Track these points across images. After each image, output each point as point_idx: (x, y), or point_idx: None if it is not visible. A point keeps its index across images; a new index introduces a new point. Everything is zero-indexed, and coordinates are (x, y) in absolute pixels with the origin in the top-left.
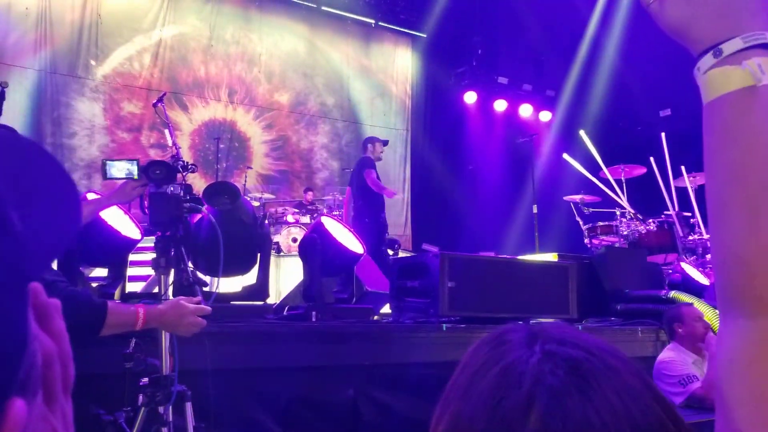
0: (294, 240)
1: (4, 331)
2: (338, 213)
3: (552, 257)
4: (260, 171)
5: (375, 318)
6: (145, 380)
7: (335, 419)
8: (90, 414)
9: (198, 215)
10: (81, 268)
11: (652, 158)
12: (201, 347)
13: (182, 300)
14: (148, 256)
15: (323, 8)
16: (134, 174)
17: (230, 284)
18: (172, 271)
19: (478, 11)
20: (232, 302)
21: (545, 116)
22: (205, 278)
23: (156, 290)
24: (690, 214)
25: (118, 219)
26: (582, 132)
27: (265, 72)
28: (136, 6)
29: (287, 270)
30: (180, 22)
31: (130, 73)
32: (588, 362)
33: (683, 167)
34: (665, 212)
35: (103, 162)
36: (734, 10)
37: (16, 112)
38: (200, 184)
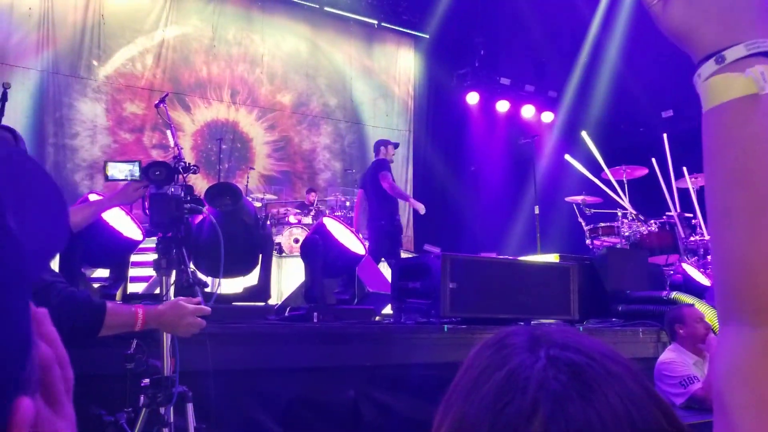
0: (296, 241)
1: (10, 331)
2: (340, 214)
3: (553, 258)
4: (262, 172)
5: (376, 319)
6: (147, 381)
7: (336, 420)
8: (91, 414)
9: (200, 216)
10: (82, 269)
11: (654, 159)
12: (202, 348)
13: (181, 300)
14: (150, 257)
15: (326, 9)
16: (136, 175)
17: (232, 285)
18: (174, 272)
19: (481, 12)
20: (234, 303)
21: (547, 117)
22: (207, 279)
23: (157, 291)
24: (692, 215)
25: (120, 220)
26: (584, 133)
27: (268, 73)
28: (139, 7)
29: (289, 271)
30: (182, 23)
31: (133, 74)
32: (590, 367)
33: (685, 168)
34: (667, 213)
35: (105, 163)
36: (737, 17)
37: (19, 113)
38: (202, 185)
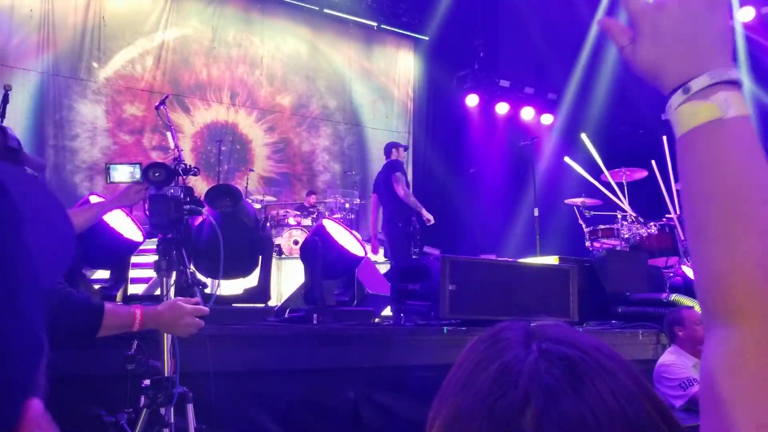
0: (295, 242)
1: (26, 337)
2: (340, 216)
3: (553, 260)
4: (262, 173)
5: (376, 321)
6: (147, 382)
7: (336, 421)
8: (92, 415)
9: (200, 218)
10: (83, 270)
11: (654, 161)
12: (202, 349)
13: (180, 301)
14: (150, 258)
15: (325, 11)
16: (137, 177)
17: (232, 287)
18: (174, 273)
19: (480, 14)
20: (234, 304)
21: (547, 119)
22: (207, 280)
23: (158, 292)
24: None
25: (121, 221)
26: (583, 135)
27: (267, 74)
28: (139, 9)
29: (288, 272)
30: (182, 25)
31: (132, 76)
32: (583, 362)
33: None
34: (666, 215)
35: (106, 165)
36: (700, 51)
37: (19, 115)
38: (202, 187)
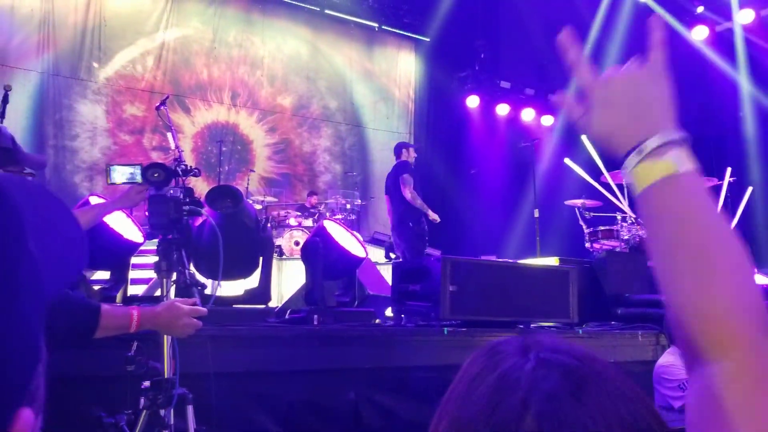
0: (296, 243)
1: (22, 344)
2: (341, 216)
3: (553, 261)
4: (263, 174)
5: (377, 321)
6: (147, 383)
7: (336, 422)
8: (92, 416)
9: (201, 218)
10: (83, 271)
11: None
12: (203, 350)
13: (177, 302)
14: (151, 259)
15: (326, 11)
16: (138, 179)
17: (232, 287)
18: (174, 274)
19: (482, 15)
20: (234, 305)
21: (547, 121)
22: (207, 281)
23: (158, 293)
24: None
25: (121, 222)
26: (584, 136)
27: (268, 75)
28: (139, 9)
29: (289, 273)
30: (183, 25)
31: (133, 76)
32: (580, 369)
33: None
34: None
35: (107, 166)
36: (648, 116)
37: (19, 115)
38: (202, 187)
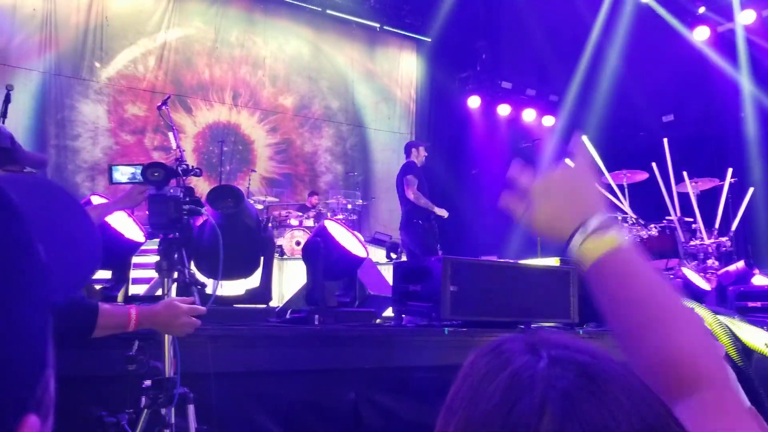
0: (297, 243)
1: (27, 350)
2: (342, 217)
3: (554, 262)
4: (264, 174)
5: (377, 321)
6: (148, 382)
7: (337, 422)
8: (93, 415)
9: (202, 218)
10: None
11: (654, 164)
12: (203, 350)
13: (176, 300)
14: (152, 259)
15: (328, 12)
16: (139, 178)
17: (233, 287)
18: (175, 273)
19: (483, 16)
20: (235, 305)
21: (548, 121)
22: (208, 281)
23: (159, 293)
24: (692, 220)
25: (122, 222)
26: (584, 137)
27: (270, 75)
28: (141, 8)
29: (290, 273)
30: (185, 25)
31: (134, 76)
32: (594, 366)
33: (685, 173)
34: (667, 217)
35: (109, 167)
36: (585, 205)
37: (20, 114)
38: (204, 187)
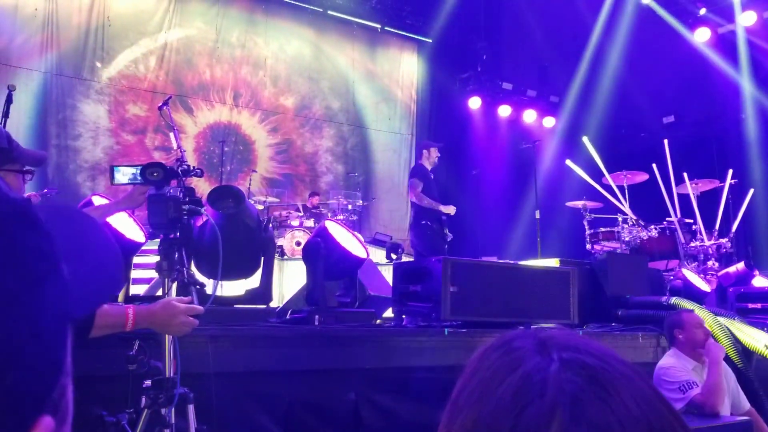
0: (297, 243)
1: (45, 354)
2: (342, 217)
3: (554, 262)
4: (265, 174)
5: (377, 322)
6: (148, 382)
7: (337, 422)
8: (93, 415)
9: (203, 218)
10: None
11: (655, 165)
12: (204, 350)
13: (173, 300)
14: (152, 259)
15: (329, 12)
16: (140, 179)
17: (233, 288)
18: (175, 274)
19: (484, 17)
20: (236, 305)
21: (549, 122)
22: (208, 281)
23: (159, 293)
24: (692, 221)
25: (123, 222)
26: (585, 138)
27: (271, 75)
28: (143, 9)
29: (290, 274)
30: (186, 25)
31: (135, 76)
32: (603, 370)
33: (685, 174)
34: (667, 219)
35: (111, 167)
36: None
37: (22, 114)
38: (204, 188)
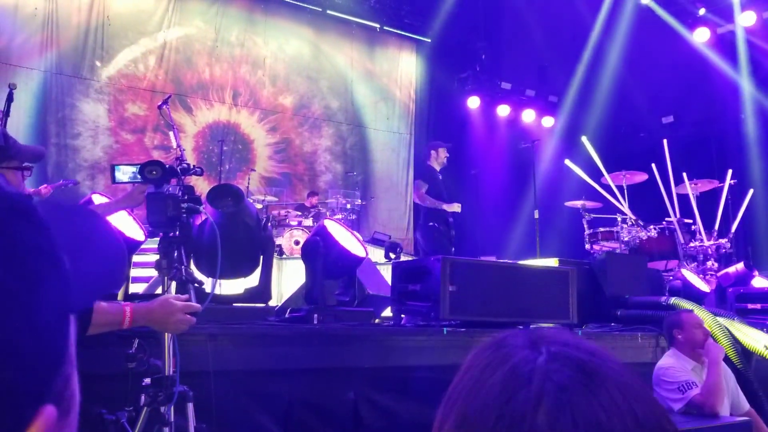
0: (296, 242)
1: (46, 344)
2: (341, 216)
3: (553, 262)
4: (263, 173)
5: (376, 321)
6: (148, 380)
7: (336, 421)
8: (93, 413)
9: (202, 217)
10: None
11: (654, 165)
12: (203, 348)
13: (171, 298)
14: (152, 258)
15: (328, 12)
16: (140, 178)
17: (232, 286)
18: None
19: (483, 17)
20: (235, 304)
21: (548, 122)
22: (207, 279)
23: (159, 291)
24: (691, 221)
25: (122, 220)
26: (584, 138)
27: (270, 74)
28: (142, 8)
29: (289, 272)
30: (185, 24)
31: (135, 75)
32: (592, 363)
33: (685, 174)
34: (666, 219)
35: (111, 166)
36: None
37: (21, 113)
38: (203, 186)
